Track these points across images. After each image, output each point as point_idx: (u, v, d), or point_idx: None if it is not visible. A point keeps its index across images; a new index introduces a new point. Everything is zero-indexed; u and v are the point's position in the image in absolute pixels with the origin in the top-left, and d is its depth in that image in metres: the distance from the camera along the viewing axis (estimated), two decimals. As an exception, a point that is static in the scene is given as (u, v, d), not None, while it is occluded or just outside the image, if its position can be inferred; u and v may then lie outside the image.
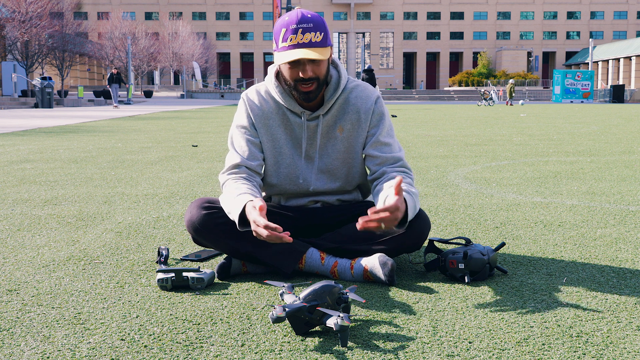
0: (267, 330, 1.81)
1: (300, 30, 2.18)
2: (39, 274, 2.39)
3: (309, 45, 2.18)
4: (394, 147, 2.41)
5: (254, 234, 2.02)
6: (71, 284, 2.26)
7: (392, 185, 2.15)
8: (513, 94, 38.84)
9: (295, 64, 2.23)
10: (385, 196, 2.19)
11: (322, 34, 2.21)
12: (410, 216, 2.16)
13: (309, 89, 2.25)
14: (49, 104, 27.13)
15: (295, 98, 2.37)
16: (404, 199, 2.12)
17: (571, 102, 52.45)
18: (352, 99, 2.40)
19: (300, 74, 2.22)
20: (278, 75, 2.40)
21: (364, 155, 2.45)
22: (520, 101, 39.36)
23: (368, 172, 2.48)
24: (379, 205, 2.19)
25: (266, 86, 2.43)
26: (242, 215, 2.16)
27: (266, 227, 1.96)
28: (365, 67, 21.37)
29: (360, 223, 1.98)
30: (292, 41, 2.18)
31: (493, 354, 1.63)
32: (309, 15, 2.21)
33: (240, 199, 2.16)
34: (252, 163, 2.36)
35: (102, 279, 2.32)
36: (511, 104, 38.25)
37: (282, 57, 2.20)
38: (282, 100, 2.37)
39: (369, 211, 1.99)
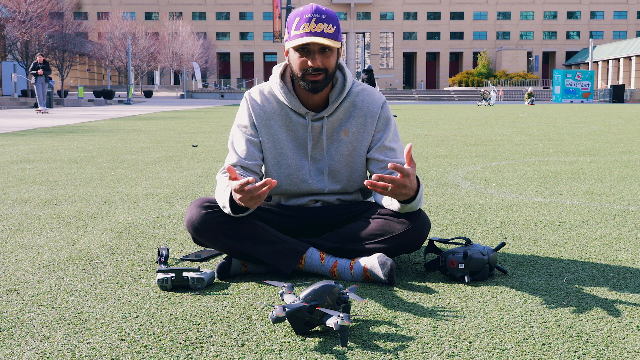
0: (267, 330, 1.81)
1: (313, 19, 2.20)
2: (39, 274, 2.39)
3: (321, 34, 2.20)
4: (398, 152, 2.42)
5: (239, 200, 2.02)
6: (71, 284, 2.26)
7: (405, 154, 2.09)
8: (533, 97, 40.47)
9: (305, 53, 2.23)
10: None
11: (335, 27, 2.23)
12: (419, 197, 2.18)
13: (317, 79, 2.25)
14: (49, 104, 27.11)
15: (299, 98, 2.37)
16: (417, 179, 2.14)
17: (571, 102, 52.45)
18: (358, 102, 2.40)
19: (310, 63, 2.22)
20: (283, 75, 2.40)
21: (367, 158, 2.45)
22: (532, 99, 40.35)
23: (369, 175, 2.48)
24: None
25: (270, 86, 2.43)
26: (233, 202, 2.17)
27: (241, 185, 1.96)
28: (365, 67, 21.36)
29: (369, 180, 1.98)
30: (304, 29, 2.20)
31: (493, 354, 1.63)
32: (324, 9, 2.25)
33: (228, 189, 2.18)
34: (249, 162, 2.37)
35: (102, 279, 2.32)
36: (532, 104, 39.47)
37: (294, 42, 2.21)
38: (286, 100, 2.37)
39: (374, 176, 1.98)
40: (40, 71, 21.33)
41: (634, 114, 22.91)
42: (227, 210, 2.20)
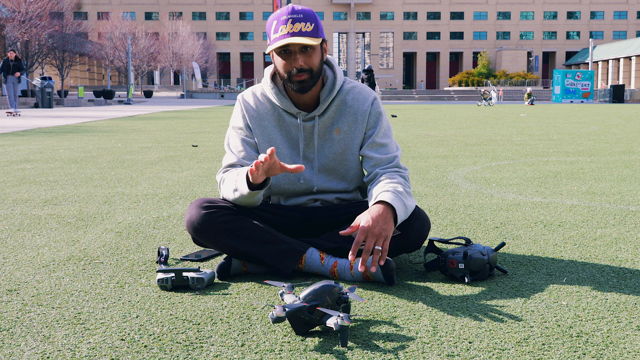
0: (267, 330, 1.81)
1: (290, 20, 2.20)
2: (39, 274, 2.39)
3: (299, 34, 2.20)
4: (390, 148, 2.41)
5: (257, 171, 2.09)
6: (71, 284, 2.26)
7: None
8: (532, 96, 40.81)
9: (286, 55, 2.24)
10: (374, 200, 2.21)
11: (313, 24, 2.23)
12: (400, 214, 2.16)
13: (302, 78, 2.26)
14: (49, 104, 27.12)
15: (290, 98, 2.38)
16: (388, 203, 2.15)
17: (571, 102, 52.46)
18: (349, 100, 2.41)
19: (293, 64, 2.23)
20: (274, 76, 2.41)
21: (361, 155, 2.46)
22: (531, 98, 40.59)
23: (365, 173, 2.48)
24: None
25: (262, 88, 2.44)
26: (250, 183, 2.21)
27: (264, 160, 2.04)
28: (365, 67, 21.37)
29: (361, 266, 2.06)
30: (282, 31, 2.21)
31: (493, 354, 1.63)
32: (300, 8, 2.25)
33: (242, 172, 2.23)
34: (248, 162, 2.37)
35: (102, 279, 2.32)
36: (532, 104, 39.92)
37: (274, 45, 2.22)
38: (278, 101, 2.38)
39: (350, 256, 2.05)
40: (17, 74, 19.18)
41: (634, 114, 22.92)
42: (240, 191, 2.22)
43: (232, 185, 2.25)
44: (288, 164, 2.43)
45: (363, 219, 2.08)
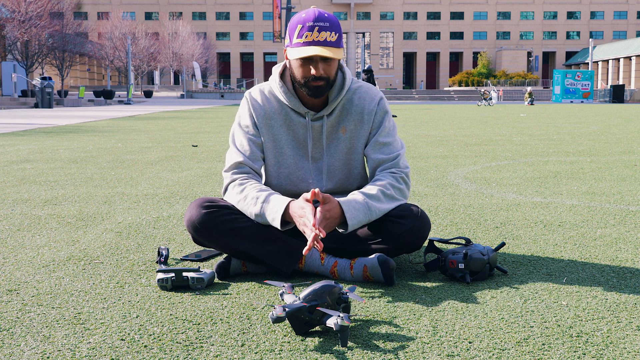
0: (267, 330, 1.81)
1: (316, 28, 2.19)
2: (39, 274, 2.39)
3: (324, 44, 2.20)
4: (393, 146, 2.41)
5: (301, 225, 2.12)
6: (71, 284, 2.26)
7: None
8: (533, 96, 40.97)
9: (307, 61, 2.24)
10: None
11: (337, 34, 2.23)
12: (351, 220, 2.20)
13: (319, 84, 2.27)
14: (49, 104, 27.13)
15: (299, 98, 2.38)
16: (338, 203, 2.20)
17: (571, 102, 52.47)
18: (355, 100, 2.41)
19: (312, 72, 2.23)
20: (282, 75, 2.40)
21: (365, 156, 2.46)
22: (531, 98, 40.65)
23: (368, 173, 2.48)
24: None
25: (270, 86, 2.43)
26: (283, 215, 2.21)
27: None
28: (365, 67, 21.37)
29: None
30: (307, 38, 2.20)
31: (493, 354, 1.63)
32: (326, 15, 2.24)
33: (276, 200, 2.22)
34: (255, 164, 2.38)
35: (102, 279, 2.32)
36: (531, 104, 39.86)
37: (297, 53, 2.22)
38: (286, 100, 2.37)
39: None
40: None
41: (634, 114, 22.92)
42: (264, 220, 2.24)
43: (256, 208, 2.24)
44: (293, 164, 2.43)
45: (324, 209, 2.14)
